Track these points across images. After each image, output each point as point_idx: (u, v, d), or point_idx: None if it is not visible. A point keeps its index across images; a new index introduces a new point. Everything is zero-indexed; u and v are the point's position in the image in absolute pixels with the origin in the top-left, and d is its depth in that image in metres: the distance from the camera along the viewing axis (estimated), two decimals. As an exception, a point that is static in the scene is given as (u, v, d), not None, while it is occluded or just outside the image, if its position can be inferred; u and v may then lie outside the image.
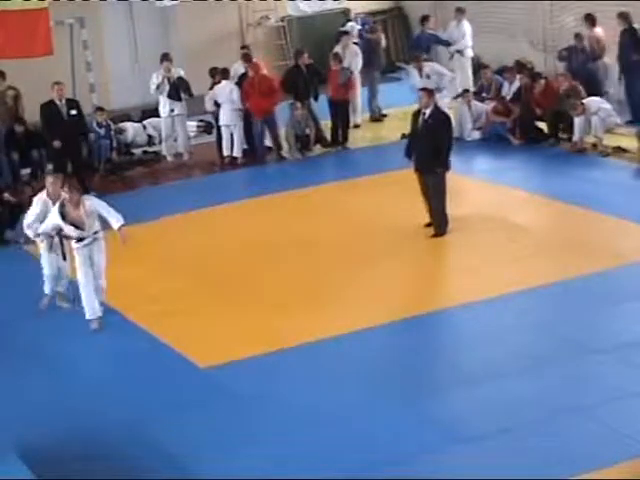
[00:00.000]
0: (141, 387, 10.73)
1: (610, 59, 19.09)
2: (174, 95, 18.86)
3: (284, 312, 12.20)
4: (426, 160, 14.09)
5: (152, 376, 10.97)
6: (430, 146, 14.00)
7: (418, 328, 11.62)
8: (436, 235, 14.21)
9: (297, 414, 9.86)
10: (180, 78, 18.91)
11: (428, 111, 14.12)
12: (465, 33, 21.34)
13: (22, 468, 8.65)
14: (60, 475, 8.99)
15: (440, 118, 14.23)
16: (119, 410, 10.24)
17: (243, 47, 21.01)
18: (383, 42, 21.79)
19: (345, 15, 23.89)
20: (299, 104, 18.70)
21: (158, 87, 18.80)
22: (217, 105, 18.72)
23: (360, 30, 22.36)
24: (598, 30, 19.39)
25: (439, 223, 14.25)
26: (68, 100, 17.40)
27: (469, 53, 21.47)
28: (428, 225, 14.43)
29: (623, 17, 18.49)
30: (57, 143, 17.22)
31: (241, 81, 18.85)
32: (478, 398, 9.94)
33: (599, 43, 19.32)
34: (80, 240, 11.96)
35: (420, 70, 18.94)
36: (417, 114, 14.37)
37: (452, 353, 11.21)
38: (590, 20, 19.41)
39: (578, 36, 19.31)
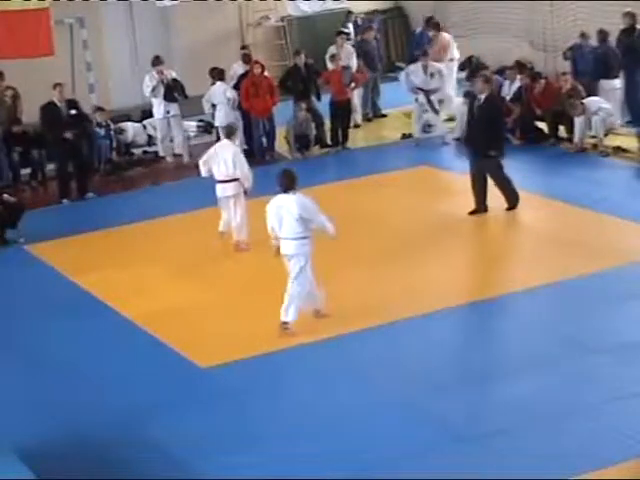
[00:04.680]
0: (141, 387, 10.73)
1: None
2: (169, 97, 18.84)
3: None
4: (480, 144, 14.69)
5: (152, 376, 10.97)
6: (484, 131, 14.59)
7: (416, 329, 11.59)
8: (510, 208, 14.87)
9: (297, 414, 9.86)
10: (174, 80, 18.91)
11: (483, 97, 14.74)
12: (449, 44, 21.16)
13: (22, 468, 8.64)
14: (60, 475, 8.99)
15: (494, 104, 14.95)
16: (119, 410, 10.24)
17: (243, 47, 21.01)
18: (374, 43, 21.55)
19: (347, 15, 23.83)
20: (303, 105, 18.67)
21: (154, 90, 18.79)
22: (214, 106, 18.72)
23: (356, 31, 22.30)
24: (445, 34, 20.65)
25: (511, 197, 14.89)
26: (68, 101, 17.37)
27: (456, 55, 21.31)
28: (472, 213, 14.87)
29: (630, 16, 18.51)
30: (69, 134, 17.11)
31: (240, 82, 18.83)
32: (478, 398, 9.95)
33: (442, 44, 20.35)
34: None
35: (426, 68, 18.88)
36: (472, 100, 15.03)
37: (452, 353, 11.20)
38: (434, 25, 20.79)
39: (584, 35, 19.23)
